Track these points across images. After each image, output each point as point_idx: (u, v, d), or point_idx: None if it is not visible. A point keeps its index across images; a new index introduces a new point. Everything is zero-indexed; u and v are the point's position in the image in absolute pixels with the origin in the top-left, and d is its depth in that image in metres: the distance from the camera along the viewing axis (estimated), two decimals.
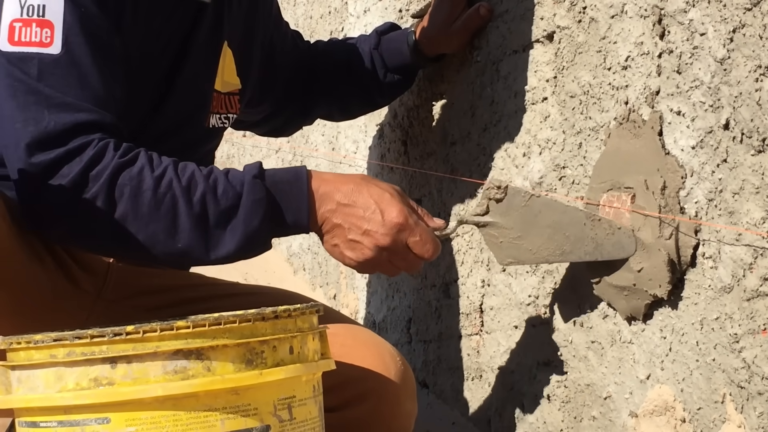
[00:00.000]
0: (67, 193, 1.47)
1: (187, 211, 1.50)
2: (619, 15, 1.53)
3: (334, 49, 2.12)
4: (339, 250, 1.56)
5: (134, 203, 1.49)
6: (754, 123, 1.27)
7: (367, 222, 1.54)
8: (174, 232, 1.50)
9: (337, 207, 1.55)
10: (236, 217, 1.51)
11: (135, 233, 1.49)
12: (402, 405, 1.72)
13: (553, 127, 1.72)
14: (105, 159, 1.48)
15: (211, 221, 1.51)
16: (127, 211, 1.49)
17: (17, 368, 1.27)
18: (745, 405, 1.31)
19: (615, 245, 1.51)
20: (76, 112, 1.49)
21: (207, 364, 1.23)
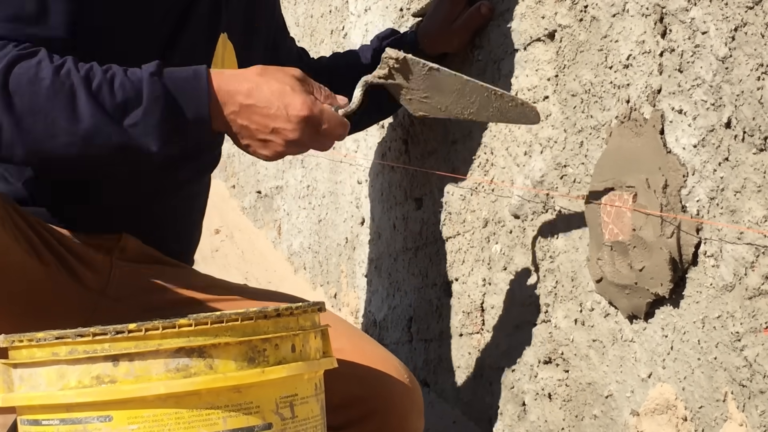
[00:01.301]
0: None
1: (87, 98, 1.47)
2: (620, 13, 1.53)
3: (338, 63, 2.11)
4: (252, 149, 1.56)
5: (31, 91, 1.46)
6: (755, 121, 1.27)
7: (273, 120, 1.53)
8: (74, 119, 1.47)
9: (240, 108, 1.53)
10: (135, 112, 1.49)
11: (34, 124, 1.46)
12: (408, 422, 1.70)
13: (554, 126, 1.72)
14: (2, 50, 1.47)
15: (110, 112, 1.48)
16: (24, 101, 1.46)
17: (19, 366, 1.27)
18: (747, 403, 1.32)
19: (519, 114, 1.62)
20: None
21: (209, 362, 1.23)
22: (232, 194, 3.60)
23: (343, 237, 2.69)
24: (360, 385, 1.64)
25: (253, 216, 3.41)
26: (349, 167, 2.60)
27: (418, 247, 2.24)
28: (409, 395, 1.69)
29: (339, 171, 2.69)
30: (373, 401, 1.66)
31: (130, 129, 1.48)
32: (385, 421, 1.67)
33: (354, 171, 2.58)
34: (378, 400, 1.67)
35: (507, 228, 1.89)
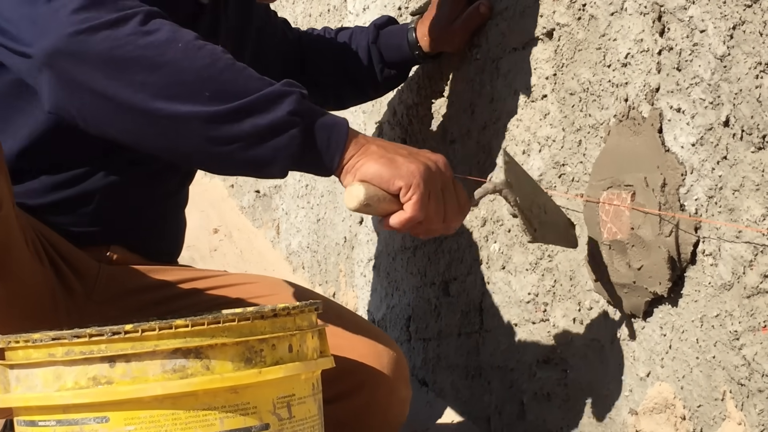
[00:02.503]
0: (106, 31, 1.37)
1: (223, 65, 1.39)
2: (618, 12, 1.53)
3: (330, 42, 2.11)
4: (392, 162, 1.41)
5: (173, 38, 1.38)
6: (754, 120, 1.26)
7: (414, 149, 1.46)
8: (207, 77, 1.38)
9: (376, 139, 1.46)
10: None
11: (160, 64, 1.37)
12: (397, 392, 1.73)
13: (552, 125, 1.72)
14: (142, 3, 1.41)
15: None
16: (160, 40, 1.38)
17: (15, 367, 1.27)
18: (746, 402, 1.31)
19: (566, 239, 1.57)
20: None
21: (206, 363, 1.23)
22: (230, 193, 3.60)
23: (341, 236, 2.69)
24: (348, 358, 1.66)
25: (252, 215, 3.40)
26: None
27: (416, 246, 2.24)
28: (396, 365, 1.71)
29: None
30: (361, 373, 1.68)
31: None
32: (374, 392, 1.69)
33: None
34: (366, 372, 1.69)
35: (505, 227, 1.88)
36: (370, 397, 1.70)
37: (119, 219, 1.72)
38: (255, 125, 1.37)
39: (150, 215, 1.77)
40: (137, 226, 1.75)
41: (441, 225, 1.44)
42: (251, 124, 1.37)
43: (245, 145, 1.38)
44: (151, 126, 1.38)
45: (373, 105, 2.42)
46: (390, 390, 1.72)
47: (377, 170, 1.40)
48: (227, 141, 1.38)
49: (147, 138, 1.40)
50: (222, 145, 1.38)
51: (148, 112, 1.36)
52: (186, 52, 1.37)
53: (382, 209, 1.41)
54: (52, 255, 1.63)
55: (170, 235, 1.87)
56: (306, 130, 1.39)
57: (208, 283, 1.80)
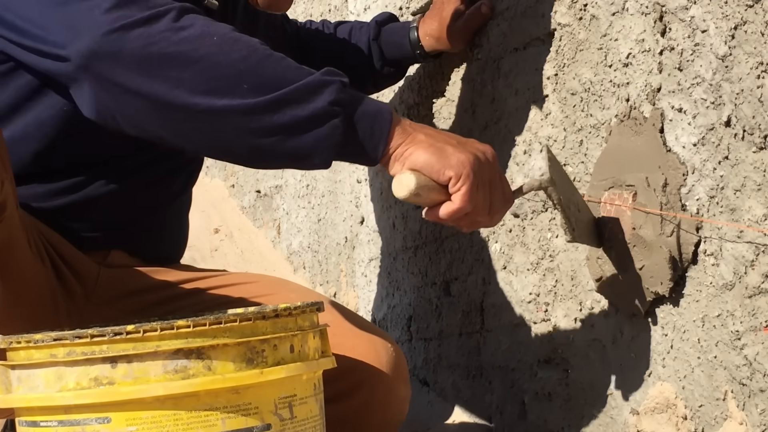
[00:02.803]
0: (142, 27, 1.36)
1: (260, 57, 1.37)
2: (620, 12, 1.53)
3: (329, 37, 2.11)
4: (443, 152, 1.38)
5: (208, 32, 1.37)
6: (755, 120, 1.26)
7: (461, 137, 1.43)
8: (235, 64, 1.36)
9: (423, 126, 1.43)
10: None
11: (195, 59, 1.35)
12: (396, 391, 1.73)
13: (554, 125, 1.72)
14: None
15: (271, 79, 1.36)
16: (194, 35, 1.36)
17: (17, 367, 1.26)
18: (747, 402, 1.31)
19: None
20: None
21: (207, 363, 1.23)
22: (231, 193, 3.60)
23: (342, 236, 2.69)
24: (347, 357, 1.66)
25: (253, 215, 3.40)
26: (349, 166, 2.60)
27: (417, 246, 2.24)
28: (395, 364, 1.71)
29: (338, 170, 2.68)
30: (360, 372, 1.68)
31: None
32: (373, 390, 1.69)
33: (353, 170, 2.57)
34: (365, 371, 1.69)
35: (506, 227, 1.88)
36: (369, 396, 1.70)
37: (122, 225, 1.72)
38: (295, 116, 1.35)
39: (153, 221, 1.77)
40: (140, 231, 1.75)
41: (486, 217, 1.42)
42: (291, 115, 1.35)
43: (285, 137, 1.36)
44: (189, 122, 1.36)
45: None
46: (389, 389, 1.72)
47: (427, 159, 1.38)
48: (267, 133, 1.36)
49: (187, 134, 1.39)
50: (262, 137, 1.36)
51: (186, 108, 1.35)
52: (221, 46, 1.36)
53: (430, 199, 1.39)
54: (53, 256, 1.63)
55: (173, 239, 1.86)
56: (347, 119, 1.37)
57: (208, 283, 1.80)
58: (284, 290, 1.81)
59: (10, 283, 1.48)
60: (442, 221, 1.42)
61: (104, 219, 1.69)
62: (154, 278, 1.75)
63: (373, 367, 1.70)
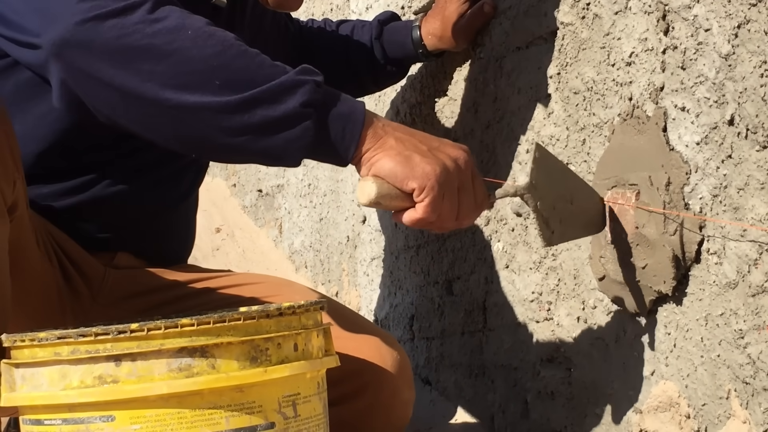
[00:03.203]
0: (114, 19, 1.34)
1: (234, 52, 1.36)
2: (623, 11, 1.53)
3: (331, 36, 2.11)
4: (408, 160, 1.37)
5: (182, 25, 1.35)
6: (759, 118, 1.26)
7: (434, 140, 1.41)
8: (213, 58, 1.35)
9: (397, 128, 1.42)
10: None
11: (168, 52, 1.33)
12: (400, 394, 1.73)
13: (556, 124, 1.72)
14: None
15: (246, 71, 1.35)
16: (168, 28, 1.34)
17: (21, 366, 1.27)
18: (750, 401, 1.31)
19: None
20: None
21: (211, 362, 1.23)
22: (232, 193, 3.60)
23: (344, 235, 2.69)
24: (352, 360, 1.66)
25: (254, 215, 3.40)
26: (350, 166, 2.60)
27: (419, 245, 2.24)
28: (400, 367, 1.71)
29: (340, 169, 2.68)
30: (364, 375, 1.68)
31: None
32: (378, 393, 1.69)
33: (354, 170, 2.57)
34: (370, 374, 1.69)
35: (509, 226, 1.88)
36: (373, 399, 1.70)
37: (129, 226, 1.72)
38: (266, 116, 1.34)
39: (160, 222, 1.77)
40: (147, 232, 1.75)
41: (453, 223, 1.41)
42: (262, 115, 1.34)
43: (256, 137, 1.35)
44: (160, 116, 1.35)
45: (375, 104, 2.42)
46: (393, 392, 1.72)
47: (392, 168, 1.37)
48: (238, 132, 1.35)
49: (157, 128, 1.38)
50: (233, 136, 1.35)
51: (156, 102, 1.34)
52: (195, 40, 1.34)
53: (394, 206, 1.39)
54: (60, 257, 1.63)
55: (180, 241, 1.86)
56: (319, 121, 1.36)
57: (214, 284, 1.80)
58: (289, 291, 1.81)
59: (18, 282, 1.48)
60: (408, 226, 1.42)
61: (111, 220, 1.69)
62: (159, 279, 1.75)
63: (378, 370, 1.70)
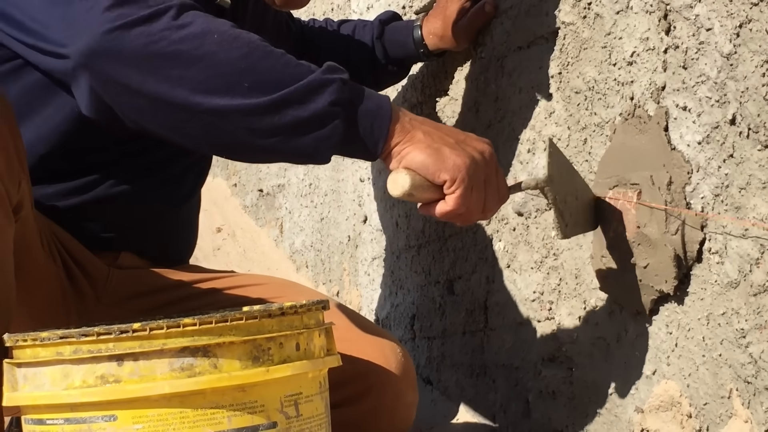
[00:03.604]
0: (142, 24, 1.35)
1: (262, 55, 1.36)
2: (624, 10, 1.53)
3: (332, 35, 2.12)
4: (440, 154, 1.39)
5: (208, 29, 1.35)
6: (760, 118, 1.26)
7: (461, 134, 1.44)
8: (240, 63, 1.36)
9: (423, 122, 1.43)
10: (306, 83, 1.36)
11: (196, 58, 1.34)
12: (404, 396, 1.73)
13: (558, 123, 1.72)
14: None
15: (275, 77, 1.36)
16: (195, 33, 1.35)
17: (23, 366, 1.27)
18: (752, 400, 1.31)
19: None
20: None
21: (214, 362, 1.23)
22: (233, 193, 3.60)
23: (345, 235, 2.69)
24: (356, 362, 1.66)
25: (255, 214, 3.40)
26: (352, 165, 2.60)
27: (420, 245, 2.24)
28: (403, 370, 1.72)
29: (341, 169, 2.68)
30: (368, 378, 1.69)
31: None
32: (381, 396, 1.70)
33: (356, 169, 2.58)
34: (374, 377, 1.69)
35: (510, 225, 1.88)
36: (377, 402, 1.71)
37: (133, 226, 1.72)
38: (296, 117, 1.35)
39: (164, 222, 1.77)
40: (150, 233, 1.75)
41: (480, 215, 1.44)
42: (292, 116, 1.35)
43: (287, 138, 1.36)
44: (191, 120, 1.36)
45: None
46: (397, 395, 1.72)
47: (423, 160, 1.39)
48: (269, 134, 1.36)
49: (188, 132, 1.38)
50: (263, 137, 1.36)
51: (187, 107, 1.35)
52: (222, 44, 1.35)
53: (425, 197, 1.41)
54: (64, 257, 1.63)
55: (183, 241, 1.87)
56: (348, 119, 1.37)
57: (217, 285, 1.80)
58: (293, 293, 1.81)
59: (23, 282, 1.49)
60: (437, 218, 1.44)
61: (116, 219, 1.70)
62: (163, 279, 1.75)
63: (382, 372, 1.70)
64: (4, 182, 1.39)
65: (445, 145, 1.40)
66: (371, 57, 2.08)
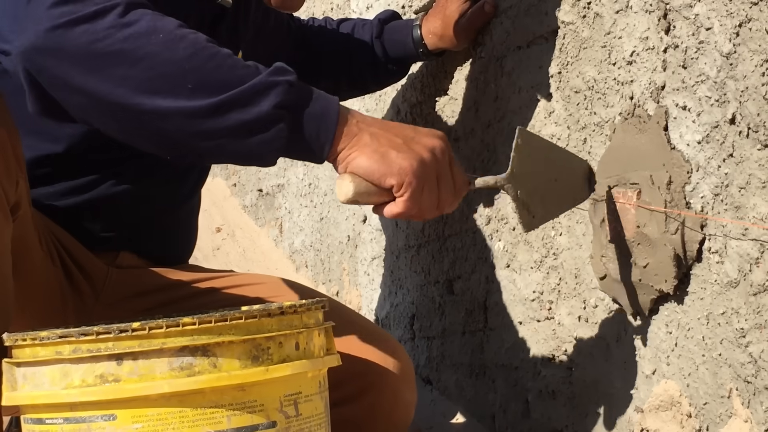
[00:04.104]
0: (86, 24, 1.32)
1: (206, 55, 1.34)
2: (624, 10, 1.53)
3: (332, 34, 2.12)
4: (384, 157, 1.37)
5: (154, 28, 1.32)
6: (760, 117, 1.26)
7: (410, 130, 1.40)
8: (187, 65, 1.33)
9: (371, 123, 1.40)
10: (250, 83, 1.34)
11: (139, 57, 1.31)
12: (402, 396, 1.73)
13: (557, 123, 1.72)
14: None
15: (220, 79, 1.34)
16: (140, 32, 1.32)
17: (23, 365, 1.26)
18: (752, 399, 1.31)
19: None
20: None
21: (213, 361, 1.23)
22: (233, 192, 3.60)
23: (345, 235, 2.69)
24: (354, 361, 1.66)
25: (255, 214, 3.40)
26: None
27: (420, 244, 2.24)
28: (402, 369, 1.72)
29: None
30: (366, 377, 1.69)
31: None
32: (380, 395, 1.70)
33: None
34: (372, 376, 1.69)
35: (510, 225, 1.88)
36: (375, 401, 1.71)
37: (133, 226, 1.72)
38: (240, 120, 1.33)
39: (164, 222, 1.77)
40: (150, 233, 1.75)
41: (435, 212, 1.41)
42: (236, 119, 1.33)
43: (230, 140, 1.34)
44: (133, 121, 1.34)
45: (376, 103, 2.42)
46: (396, 394, 1.73)
47: (368, 166, 1.37)
48: (212, 136, 1.34)
49: (131, 132, 1.37)
50: (207, 140, 1.34)
51: (129, 107, 1.32)
52: (167, 43, 1.32)
53: (372, 201, 1.40)
54: (63, 256, 1.63)
55: (182, 241, 1.86)
56: (293, 122, 1.35)
57: (216, 284, 1.80)
58: (292, 292, 1.81)
59: (21, 281, 1.48)
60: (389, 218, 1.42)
61: (116, 219, 1.69)
62: (162, 279, 1.75)
63: (381, 372, 1.70)
64: (1, 182, 1.39)
65: (391, 147, 1.37)
66: (371, 56, 2.08)
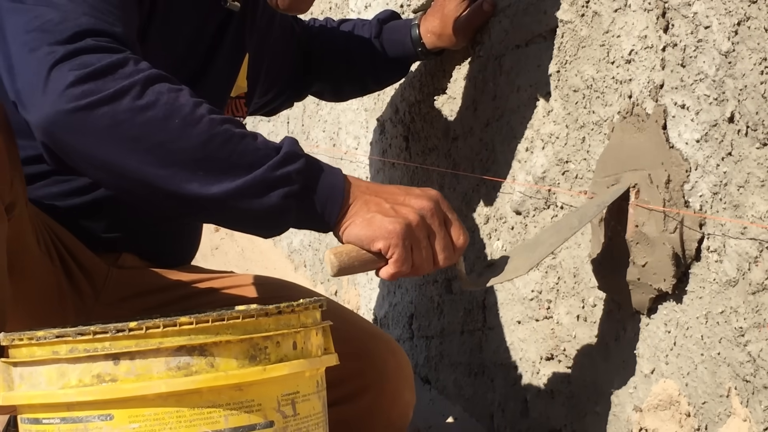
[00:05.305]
0: (95, 84, 1.35)
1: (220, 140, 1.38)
2: (622, 8, 1.52)
3: (333, 35, 2.12)
4: (370, 223, 1.42)
5: (170, 113, 1.36)
6: (759, 116, 1.26)
7: (402, 194, 1.46)
8: (200, 158, 1.37)
9: (365, 190, 1.46)
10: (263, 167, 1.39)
11: (157, 143, 1.36)
12: (401, 396, 1.74)
13: (556, 122, 1.72)
14: (141, 64, 1.38)
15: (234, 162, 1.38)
16: (158, 117, 1.35)
17: (19, 365, 1.26)
18: (751, 399, 1.31)
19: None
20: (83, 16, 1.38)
21: (210, 360, 1.23)
22: None
23: None
24: (354, 361, 1.66)
25: None
26: (350, 164, 2.60)
27: None
28: (400, 369, 1.73)
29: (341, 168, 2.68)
30: (366, 377, 1.69)
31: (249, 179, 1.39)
32: (379, 394, 1.70)
33: (354, 168, 2.57)
34: (371, 375, 1.70)
35: (509, 224, 1.88)
36: (374, 401, 1.71)
37: (136, 227, 1.72)
38: (249, 208, 1.39)
39: (167, 224, 1.77)
40: (154, 235, 1.75)
41: (431, 266, 1.46)
42: (245, 207, 1.38)
43: (238, 223, 1.43)
44: (151, 195, 1.39)
45: (375, 102, 2.42)
46: (394, 394, 1.73)
47: (357, 234, 1.42)
48: (221, 219, 1.44)
49: (146, 200, 1.44)
50: (216, 220, 1.46)
51: (146, 185, 1.37)
52: (183, 129, 1.36)
53: (368, 267, 1.45)
54: (63, 255, 1.63)
55: (185, 244, 1.86)
56: (300, 209, 1.41)
57: (215, 284, 1.80)
58: (290, 292, 1.81)
59: (18, 281, 1.48)
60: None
61: (119, 220, 1.69)
62: (162, 279, 1.75)
63: (379, 372, 1.71)
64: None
65: (378, 212, 1.42)
66: (370, 56, 2.08)
